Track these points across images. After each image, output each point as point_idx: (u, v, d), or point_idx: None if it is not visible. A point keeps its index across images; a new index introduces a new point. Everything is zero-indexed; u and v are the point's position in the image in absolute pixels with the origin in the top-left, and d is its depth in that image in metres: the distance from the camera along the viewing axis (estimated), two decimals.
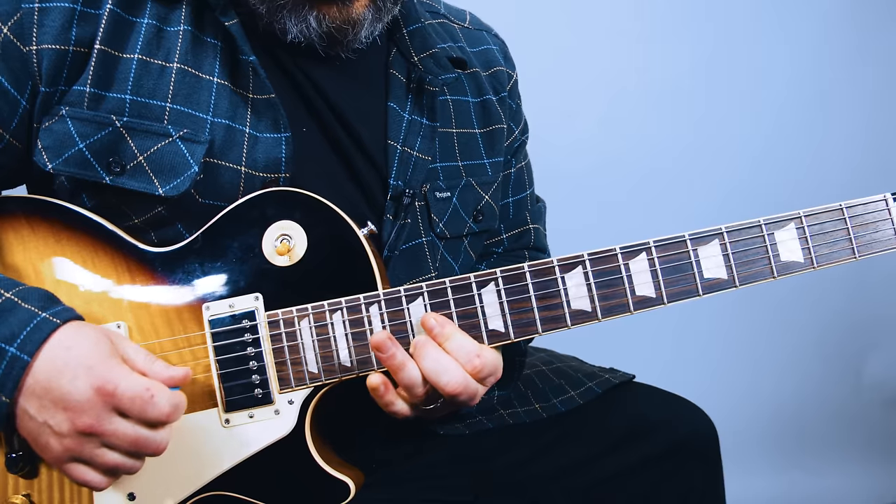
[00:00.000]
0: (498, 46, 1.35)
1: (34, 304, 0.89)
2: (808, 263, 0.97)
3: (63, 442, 0.86)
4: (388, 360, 0.95)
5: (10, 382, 0.86)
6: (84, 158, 0.99)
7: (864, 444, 2.66)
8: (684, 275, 0.97)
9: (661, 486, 1.18)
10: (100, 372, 0.85)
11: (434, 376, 0.94)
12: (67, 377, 0.85)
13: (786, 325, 2.67)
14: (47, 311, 0.89)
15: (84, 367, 0.85)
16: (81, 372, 0.85)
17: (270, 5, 1.03)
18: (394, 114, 1.15)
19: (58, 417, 0.85)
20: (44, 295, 0.92)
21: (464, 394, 0.95)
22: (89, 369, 0.85)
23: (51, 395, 0.85)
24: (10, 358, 0.86)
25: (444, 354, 0.95)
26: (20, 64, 0.97)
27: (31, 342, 0.86)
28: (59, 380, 0.85)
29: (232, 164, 1.03)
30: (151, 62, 1.01)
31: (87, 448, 0.86)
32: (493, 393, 1.25)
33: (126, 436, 0.86)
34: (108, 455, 0.87)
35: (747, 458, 2.49)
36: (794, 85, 2.61)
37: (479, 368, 0.95)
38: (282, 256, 1.00)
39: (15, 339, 0.86)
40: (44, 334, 0.87)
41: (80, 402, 0.85)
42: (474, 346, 0.96)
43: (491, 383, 0.99)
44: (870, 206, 0.99)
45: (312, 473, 0.99)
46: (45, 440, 0.87)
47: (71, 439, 0.86)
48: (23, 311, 0.88)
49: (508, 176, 1.35)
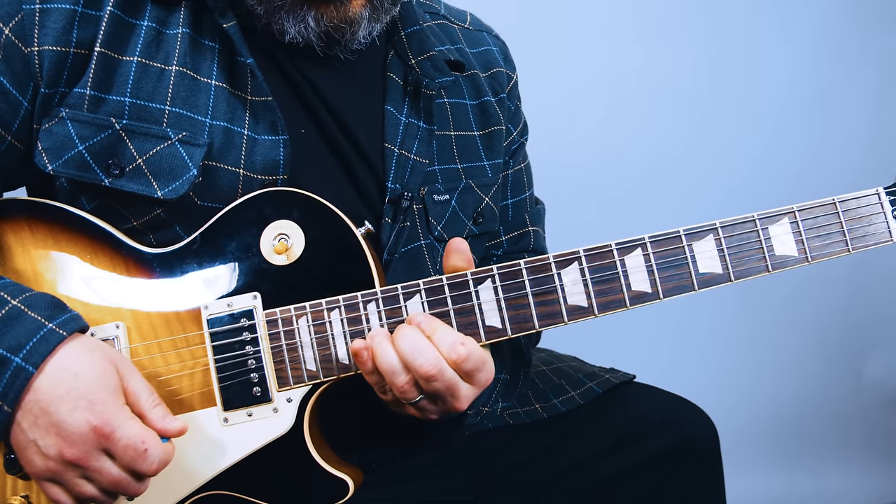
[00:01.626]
0: (498, 48, 1.35)
1: (41, 313, 0.89)
2: (802, 257, 0.98)
3: (47, 463, 0.87)
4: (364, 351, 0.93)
5: (12, 393, 0.86)
6: (83, 160, 0.99)
7: (865, 444, 2.65)
8: (679, 270, 0.97)
9: (661, 487, 1.18)
10: (100, 411, 0.86)
11: (410, 357, 0.91)
12: (67, 406, 0.85)
13: (786, 325, 2.67)
14: (54, 321, 0.89)
15: (86, 401, 0.86)
16: (82, 405, 0.85)
17: (268, 6, 1.04)
18: (391, 117, 1.15)
19: (48, 441, 0.86)
20: (51, 302, 0.92)
21: (439, 379, 0.91)
22: (91, 405, 0.86)
23: (47, 417, 0.86)
24: (15, 368, 0.86)
25: (422, 338, 0.93)
26: (22, 65, 0.98)
27: (37, 353, 0.86)
28: (59, 406, 0.85)
29: (230, 167, 1.03)
30: (151, 65, 1.02)
31: (68, 476, 0.87)
32: (497, 405, 1.24)
33: (110, 476, 0.87)
34: (85, 486, 0.88)
35: (747, 458, 2.49)
36: (793, 84, 2.61)
37: (465, 357, 0.92)
38: (280, 256, 1.00)
39: (21, 350, 0.86)
40: (50, 346, 0.87)
41: (74, 434, 0.85)
42: (459, 336, 0.94)
43: (481, 382, 0.96)
44: (863, 200, 0.99)
45: (311, 472, 0.99)
46: (30, 456, 0.87)
47: (55, 463, 0.86)
48: (29, 320, 0.88)
49: (507, 177, 1.35)
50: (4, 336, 0.87)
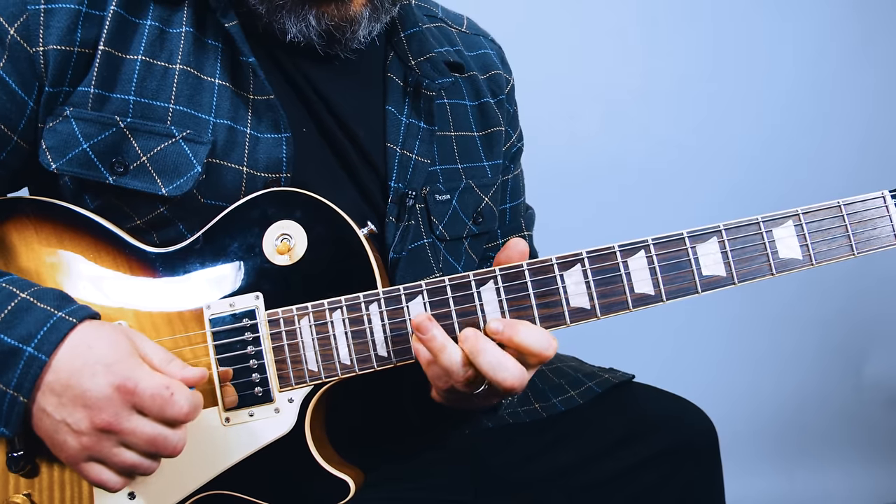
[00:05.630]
0: (495, 51, 1.35)
1: (49, 304, 0.90)
2: (806, 261, 0.98)
3: (81, 440, 0.86)
4: (429, 341, 0.94)
5: (27, 383, 0.86)
6: (88, 159, 0.99)
7: (865, 443, 2.65)
8: (683, 272, 0.97)
9: (660, 486, 1.19)
10: (119, 370, 0.86)
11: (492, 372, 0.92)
12: (87, 374, 0.85)
13: (786, 324, 2.67)
14: (63, 310, 0.89)
15: (103, 365, 0.86)
16: (101, 369, 0.86)
17: (270, 5, 1.04)
18: (392, 117, 1.15)
19: (76, 415, 0.86)
20: (58, 294, 0.92)
21: (519, 388, 0.93)
22: (108, 367, 0.86)
23: (70, 392, 0.86)
24: (28, 358, 0.86)
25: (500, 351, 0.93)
26: (27, 65, 0.98)
27: (48, 342, 0.87)
28: (79, 377, 0.85)
29: (234, 165, 1.03)
30: (154, 63, 1.02)
31: (104, 446, 0.87)
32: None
33: (144, 434, 0.86)
34: (125, 454, 0.87)
35: (747, 458, 2.49)
36: (794, 85, 2.61)
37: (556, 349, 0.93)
38: (282, 256, 1.00)
39: (32, 339, 0.87)
40: (61, 334, 0.87)
41: (100, 399, 0.85)
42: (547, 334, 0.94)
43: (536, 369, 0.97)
44: (868, 203, 0.99)
45: (312, 472, 0.99)
46: (62, 438, 0.87)
47: (89, 437, 0.86)
48: (39, 310, 0.89)
49: (507, 182, 1.36)
50: (15, 327, 0.88)
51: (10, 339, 0.87)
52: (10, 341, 0.87)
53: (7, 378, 0.87)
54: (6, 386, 0.87)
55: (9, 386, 0.86)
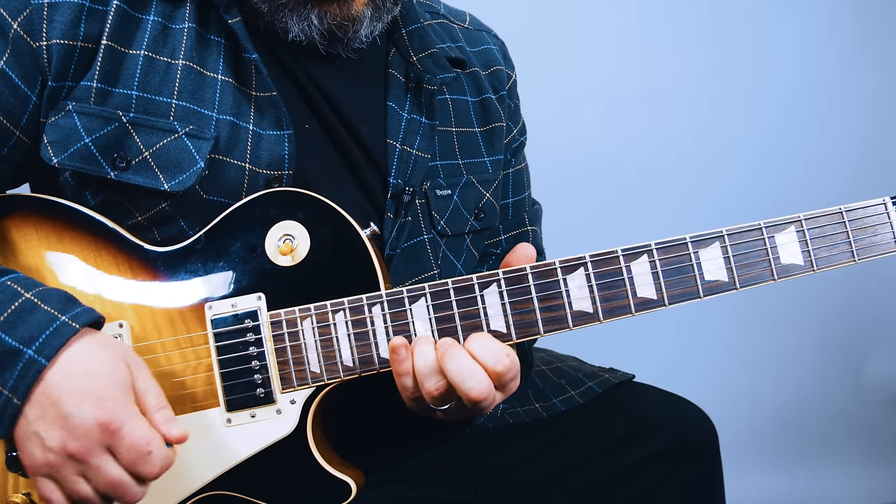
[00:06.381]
0: (497, 47, 1.35)
1: (53, 306, 0.89)
2: (807, 266, 0.98)
3: (47, 456, 0.86)
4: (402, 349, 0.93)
5: (23, 386, 0.86)
6: (89, 153, 0.99)
7: (865, 444, 2.65)
8: (685, 277, 0.97)
9: (660, 486, 1.19)
10: (109, 407, 0.85)
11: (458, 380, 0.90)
12: (76, 400, 0.85)
13: (786, 324, 2.67)
14: (67, 314, 0.89)
15: (96, 396, 0.85)
16: (91, 400, 0.85)
17: (272, 4, 1.04)
18: (393, 113, 1.15)
19: (53, 433, 0.85)
20: (63, 296, 0.92)
21: (486, 400, 0.90)
22: (100, 400, 0.85)
23: (55, 410, 0.85)
24: (28, 360, 0.86)
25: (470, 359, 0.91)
26: (30, 59, 0.98)
27: (50, 346, 0.86)
28: (68, 399, 0.85)
29: (236, 161, 1.03)
30: (157, 59, 1.02)
31: (67, 471, 0.86)
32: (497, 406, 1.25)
33: (109, 476, 0.86)
34: (81, 485, 0.87)
35: (747, 458, 2.50)
36: (793, 86, 2.61)
37: (508, 367, 0.91)
38: (285, 256, 1.00)
39: (33, 342, 0.86)
40: (63, 339, 0.87)
41: (80, 427, 0.84)
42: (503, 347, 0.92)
43: (511, 390, 0.95)
44: (869, 209, 0.99)
45: (314, 473, 0.99)
46: (30, 448, 0.87)
47: (56, 456, 0.85)
48: (42, 312, 0.88)
49: (508, 176, 1.35)
50: (17, 328, 0.87)
51: (12, 339, 0.87)
52: (10, 342, 0.86)
53: (3, 378, 0.86)
54: (2, 386, 0.86)
55: (4, 387, 0.86)
